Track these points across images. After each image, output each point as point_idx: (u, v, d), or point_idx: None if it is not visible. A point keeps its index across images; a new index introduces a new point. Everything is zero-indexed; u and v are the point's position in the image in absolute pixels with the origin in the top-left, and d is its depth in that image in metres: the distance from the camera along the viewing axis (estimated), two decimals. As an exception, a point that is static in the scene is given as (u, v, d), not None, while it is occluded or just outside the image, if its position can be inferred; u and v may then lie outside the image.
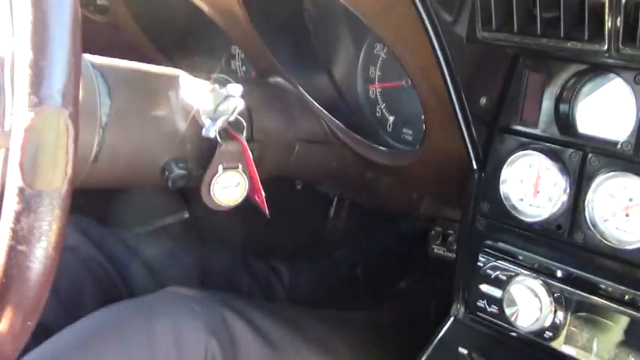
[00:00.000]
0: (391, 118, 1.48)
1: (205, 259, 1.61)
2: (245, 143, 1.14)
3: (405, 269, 1.80)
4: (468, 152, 1.18)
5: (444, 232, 1.51)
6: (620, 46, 0.95)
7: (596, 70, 1.08)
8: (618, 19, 0.94)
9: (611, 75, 1.07)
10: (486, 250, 1.16)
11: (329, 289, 1.78)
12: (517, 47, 1.06)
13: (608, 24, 0.94)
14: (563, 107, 1.12)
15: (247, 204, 1.21)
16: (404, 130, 1.46)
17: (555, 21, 0.99)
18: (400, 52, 1.12)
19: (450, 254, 1.49)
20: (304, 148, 1.40)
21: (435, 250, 1.51)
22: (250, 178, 1.17)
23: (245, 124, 1.17)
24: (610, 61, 0.99)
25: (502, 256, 1.15)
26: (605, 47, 0.96)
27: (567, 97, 1.12)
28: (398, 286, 1.79)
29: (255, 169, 1.16)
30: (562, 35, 0.99)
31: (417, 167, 1.31)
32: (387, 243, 1.86)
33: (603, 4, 0.93)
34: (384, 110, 1.48)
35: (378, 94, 1.49)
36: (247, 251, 1.71)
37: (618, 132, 1.07)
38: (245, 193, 1.17)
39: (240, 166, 1.16)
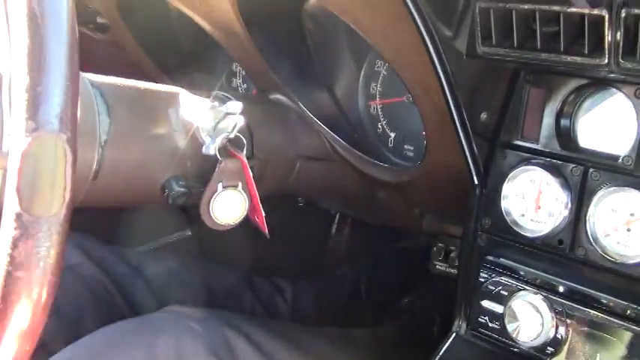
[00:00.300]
0: (392, 135, 1.48)
1: (208, 277, 1.61)
2: (245, 161, 1.14)
3: (407, 286, 1.80)
4: (469, 168, 1.18)
5: (446, 248, 1.50)
6: (621, 60, 0.95)
7: (597, 84, 1.08)
8: (618, 33, 0.94)
9: (612, 90, 1.07)
10: (487, 265, 1.16)
11: (332, 306, 1.78)
12: (517, 62, 1.07)
13: (608, 38, 0.95)
14: (564, 122, 1.12)
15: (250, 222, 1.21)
16: (405, 147, 1.46)
17: (555, 35, 1.00)
18: (401, 69, 1.12)
19: (452, 270, 1.48)
20: (305, 165, 1.41)
21: (437, 267, 1.51)
22: (250, 197, 1.17)
23: (245, 142, 1.17)
24: (610, 75, 0.99)
25: (503, 271, 1.15)
26: (606, 61, 0.96)
27: (568, 112, 1.12)
28: (401, 303, 1.78)
29: (255, 187, 1.16)
30: (562, 50, 0.99)
31: (419, 183, 1.31)
32: (389, 260, 1.85)
33: (603, 18, 0.94)
34: (385, 126, 1.49)
35: (379, 110, 1.49)
36: (251, 269, 1.71)
37: (619, 147, 1.07)
38: (245, 212, 1.17)
39: (240, 184, 1.16)
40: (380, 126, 1.49)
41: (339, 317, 1.71)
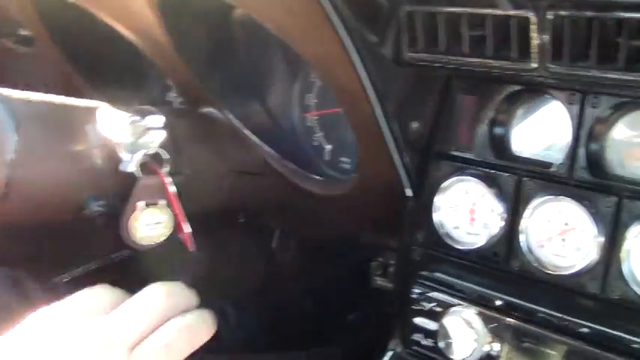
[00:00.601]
0: (328, 147, 1.44)
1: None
2: (165, 177, 1.10)
3: (352, 302, 1.75)
4: (401, 179, 1.14)
5: (385, 262, 1.47)
6: (549, 64, 0.92)
7: (531, 91, 1.05)
8: (546, 36, 0.91)
9: (546, 96, 1.04)
10: (422, 281, 1.13)
11: (276, 326, 1.72)
12: (445, 68, 1.03)
13: (535, 41, 0.91)
14: (498, 130, 1.09)
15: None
16: (341, 159, 1.42)
17: (483, 40, 0.96)
18: (327, 77, 1.09)
19: (391, 285, 1.45)
20: (238, 180, 1.36)
21: (378, 282, 1.47)
22: (174, 214, 1.12)
23: (168, 157, 1.12)
24: (540, 80, 0.96)
25: (438, 286, 1.12)
26: (534, 66, 0.93)
27: (502, 120, 1.09)
28: (346, 321, 1.74)
29: (178, 204, 1.12)
30: (490, 54, 0.96)
31: (353, 196, 1.27)
32: (333, 276, 1.81)
33: (529, 20, 0.90)
34: (321, 138, 1.44)
35: (315, 122, 1.45)
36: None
37: (554, 154, 1.04)
38: (169, 231, 1.12)
39: (164, 201, 1.11)
40: (316, 138, 1.45)
41: (283, 337, 1.66)
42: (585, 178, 0.99)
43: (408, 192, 1.15)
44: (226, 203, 1.39)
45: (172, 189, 1.11)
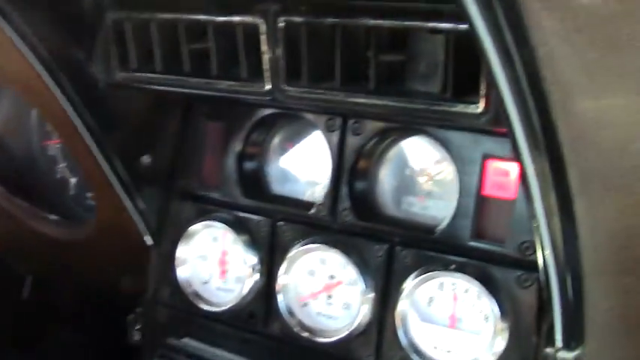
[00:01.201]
0: (73, 180, 1.21)
1: None
2: None
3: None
4: (138, 225, 0.93)
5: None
6: (284, 86, 0.72)
7: (286, 115, 0.87)
8: (279, 49, 0.72)
9: (305, 121, 0.86)
10: (165, 352, 0.92)
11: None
12: (167, 91, 0.82)
13: (266, 55, 0.72)
14: (249, 165, 0.91)
15: None
16: (88, 194, 1.19)
17: (207, 55, 0.77)
18: (27, 100, 0.86)
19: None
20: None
21: (136, 337, 1.24)
22: None
23: None
24: (278, 104, 0.77)
25: (188, 357, 0.91)
26: (268, 87, 0.74)
27: (254, 152, 0.90)
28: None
29: None
30: (215, 73, 0.76)
31: (94, 241, 1.05)
32: (89, 328, 1.56)
33: (258, 27, 0.71)
34: (65, 170, 1.21)
35: (58, 150, 1.22)
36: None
37: (317, 193, 0.86)
38: None
39: None
40: (59, 169, 1.22)
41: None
42: (350, 221, 0.82)
43: (148, 240, 0.94)
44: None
45: None
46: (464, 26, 0.59)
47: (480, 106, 0.62)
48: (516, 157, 0.55)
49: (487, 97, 0.61)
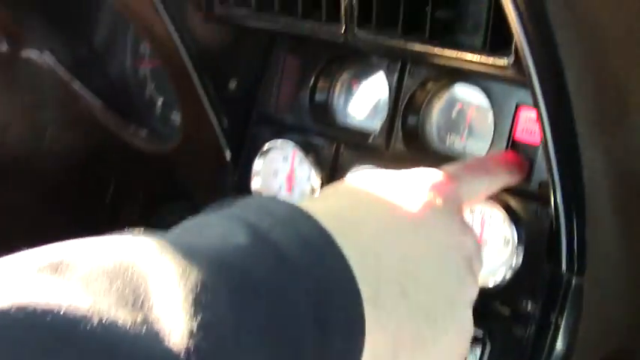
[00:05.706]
0: (160, 100, 1.42)
1: None
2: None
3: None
4: (220, 141, 1.14)
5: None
6: (356, 29, 0.92)
7: (355, 57, 1.06)
8: (355, -1, 0.91)
9: (371, 62, 1.05)
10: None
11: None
12: (257, 27, 1.02)
13: (343, 2, 0.91)
14: (319, 96, 1.09)
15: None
16: (173, 114, 1.40)
17: (298, -4, 0.96)
18: (137, 27, 1.07)
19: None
20: (57, 132, 1.33)
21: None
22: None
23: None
24: (351, 45, 0.96)
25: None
26: (343, 30, 0.93)
27: (324, 85, 1.09)
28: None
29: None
30: (300, 14, 0.96)
31: (178, 155, 1.26)
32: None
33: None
34: (152, 91, 1.42)
35: (148, 72, 1.42)
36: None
37: (375, 123, 1.05)
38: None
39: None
40: (148, 90, 1.43)
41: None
42: (400, 150, 1.00)
43: (227, 155, 1.14)
44: (44, 157, 1.36)
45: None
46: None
47: (512, 58, 0.81)
48: (534, 103, 0.74)
49: (517, 51, 0.78)
